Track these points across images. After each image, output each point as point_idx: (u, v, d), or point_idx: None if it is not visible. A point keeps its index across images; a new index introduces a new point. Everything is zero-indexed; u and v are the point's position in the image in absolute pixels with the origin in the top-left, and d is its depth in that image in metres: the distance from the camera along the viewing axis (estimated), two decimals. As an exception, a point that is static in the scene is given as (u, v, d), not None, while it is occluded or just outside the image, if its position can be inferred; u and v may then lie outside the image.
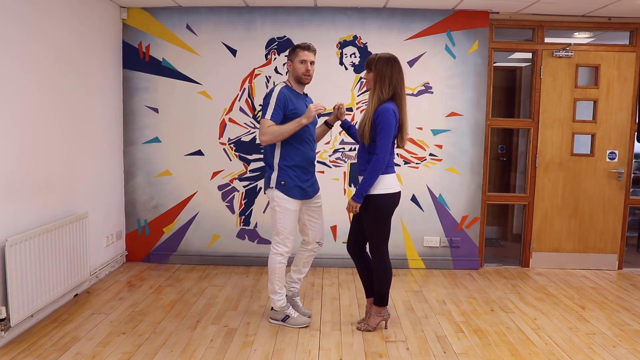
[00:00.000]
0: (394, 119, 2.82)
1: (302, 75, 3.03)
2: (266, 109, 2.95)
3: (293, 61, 3.04)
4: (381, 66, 2.85)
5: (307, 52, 3.01)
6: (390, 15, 4.29)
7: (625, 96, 4.43)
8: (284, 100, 2.95)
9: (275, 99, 2.95)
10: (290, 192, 3.01)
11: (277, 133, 2.91)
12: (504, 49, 4.50)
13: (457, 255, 4.50)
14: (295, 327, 3.13)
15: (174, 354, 2.75)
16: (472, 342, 2.97)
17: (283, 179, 3.00)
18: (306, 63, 3.01)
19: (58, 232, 3.24)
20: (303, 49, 3.01)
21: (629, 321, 3.34)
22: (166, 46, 4.33)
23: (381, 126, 2.79)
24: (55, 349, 2.77)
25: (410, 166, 4.43)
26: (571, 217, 4.54)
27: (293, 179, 3.01)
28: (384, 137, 2.80)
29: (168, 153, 4.43)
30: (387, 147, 2.82)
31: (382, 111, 2.80)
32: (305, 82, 3.08)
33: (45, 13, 3.20)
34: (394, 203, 2.97)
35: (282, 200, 3.02)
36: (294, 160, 3.02)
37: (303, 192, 3.06)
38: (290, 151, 3.01)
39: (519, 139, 5.56)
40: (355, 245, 3.13)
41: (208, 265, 4.45)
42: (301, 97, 3.11)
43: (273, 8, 4.28)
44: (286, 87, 3.04)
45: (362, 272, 3.17)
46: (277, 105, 2.94)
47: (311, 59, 3.03)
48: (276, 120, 2.93)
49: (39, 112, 3.15)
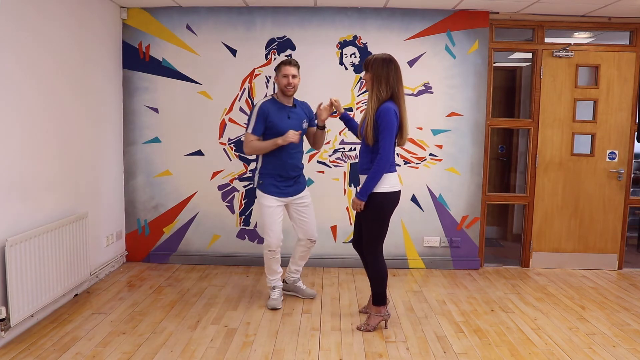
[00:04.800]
0: (396, 119, 2.86)
1: (284, 87, 3.32)
2: (249, 124, 3.33)
3: (277, 76, 3.35)
4: (377, 67, 2.90)
5: (288, 66, 3.31)
6: (390, 15, 4.29)
7: (625, 96, 4.43)
8: (263, 115, 3.29)
9: (256, 114, 3.30)
10: (266, 190, 3.36)
11: (256, 148, 3.32)
12: (504, 49, 4.50)
13: (457, 255, 4.50)
14: (268, 307, 3.44)
15: (174, 354, 2.75)
16: (472, 342, 2.97)
17: (262, 179, 3.37)
18: (287, 77, 3.30)
19: (58, 232, 3.24)
20: (285, 64, 3.32)
21: (629, 321, 3.34)
22: (166, 46, 4.33)
23: (383, 125, 2.84)
24: (55, 349, 2.78)
25: (410, 166, 4.43)
26: (571, 217, 4.54)
27: (270, 181, 3.35)
28: (387, 137, 2.85)
29: (168, 153, 4.43)
30: (390, 146, 2.88)
31: (384, 111, 2.85)
32: (289, 93, 3.35)
33: (45, 13, 3.20)
34: (394, 202, 3.01)
35: (261, 198, 3.38)
36: (274, 168, 3.34)
37: (279, 190, 3.36)
38: (271, 160, 3.35)
39: (519, 139, 5.56)
40: (360, 242, 3.18)
41: (208, 265, 4.45)
42: (285, 109, 3.37)
43: (273, 8, 4.28)
44: (269, 101, 3.36)
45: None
46: (258, 120, 3.29)
47: (292, 72, 3.31)
48: (257, 134, 3.30)
49: (39, 112, 3.15)
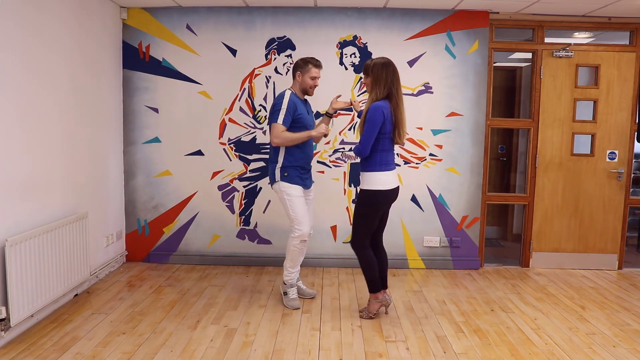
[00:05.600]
0: (382, 116, 3.00)
1: (309, 88, 3.40)
2: (277, 114, 3.28)
3: (303, 74, 3.36)
4: (377, 70, 3.06)
5: (318, 70, 3.37)
6: (390, 15, 4.29)
7: (625, 96, 4.43)
8: (293, 106, 3.30)
9: (286, 105, 3.28)
10: (293, 180, 3.38)
11: (288, 139, 3.28)
12: (504, 49, 4.50)
13: (457, 255, 4.50)
14: (287, 306, 3.45)
15: (174, 354, 2.75)
16: (472, 342, 2.97)
17: (285, 171, 3.36)
18: (315, 80, 3.38)
19: (58, 232, 3.24)
20: (316, 67, 3.35)
21: (629, 321, 3.34)
22: (166, 46, 4.33)
23: (367, 118, 3.03)
24: (55, 349, 2.78)
25: (410, 166, 4.43)
26: (571, 217, 4.54)
27: (295, 173, 3.38)
28: (366, 131, 3.02)
29: (168, 153, 4.43)
30: (368, 138, 3.02)
31: (370, 109, 3.04)
32: (311, 94, 3.47)
33: (45, 13, 3.20)
34: (382, 200, 3.14)
35: (288, 189, 3.37)
36: (297, 160, 3.37)
37: (302, 181, 3.43)
38: (294, 152, 3.36)
39: (519, 139, 5.56)
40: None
41: (208, 265, 4.45)
42: (305, 103, 3.48)
43: (273, 8, 4.28)
44: (293, 94, 3.38)
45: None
46: (288, 111, 3.28)
47: (319, 75, 3.40)
48: (286, 125, 3.28)
49: (39, 111, 3.15)
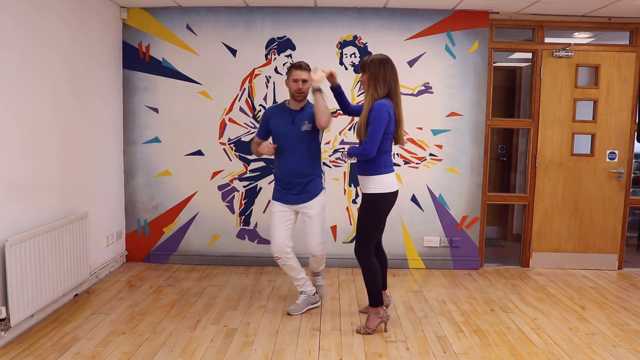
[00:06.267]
0: (388, 115, 2.87)
1: (294, 93, 3.18)
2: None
3: (288, 80, 3.21)
4: (374, 67, 2.92)
5: (299, 71, 3.14)
6: (390, 15, 4.29)
7: (625, 96, 4.43)
8: (265, 118, 3.34)
9: (261, 117, 3.44)
10: (274, 195, 3.37)
11: (252, 149, 3.41)
12: (504, 49, 4.49)
13: (457, 255, 4.50)
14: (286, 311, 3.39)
15: (174, 354, 2.75)
16: (472, 342, 2.97)
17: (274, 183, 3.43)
18: (298, 82, 3.14)
19: (58, 232, 3.24)
20: (295, 68, 3.15)
21: (629, 321, 3.34)
22: (166, 46, 4.33)
23: (373, 117, 2.85)
24: (55, 349, 2.77)
25: (410, 166, 4.43)
26: (571, 217, 4.54)
27: (276, 187, 3.36)
28: (371, 131, 2.85)
29: (168, 153, 4.43)
30: (375, 138, 2.86)
31: (376, 106, 2.87)
32: (298, 99, 3.21)
33: (45, 13, 3.20)
34: (389, 203, 3.03)
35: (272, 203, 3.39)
36: (276, 174, 3.37)
37: (283, 197, 3.29)
38: (275, 166, 3.38)
39: (519, 139, 5.56)
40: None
41: (208, 265, 4.45)
42: (290, 113, 3.24)
43: (273, 8, 4.28)
44: (278, 105, 3.38)
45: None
46: (261, 122, 3.39)
47: (303, 77, 3.13)
48: (258, 136, 3.38)
49: (39, 112, 3.15)
